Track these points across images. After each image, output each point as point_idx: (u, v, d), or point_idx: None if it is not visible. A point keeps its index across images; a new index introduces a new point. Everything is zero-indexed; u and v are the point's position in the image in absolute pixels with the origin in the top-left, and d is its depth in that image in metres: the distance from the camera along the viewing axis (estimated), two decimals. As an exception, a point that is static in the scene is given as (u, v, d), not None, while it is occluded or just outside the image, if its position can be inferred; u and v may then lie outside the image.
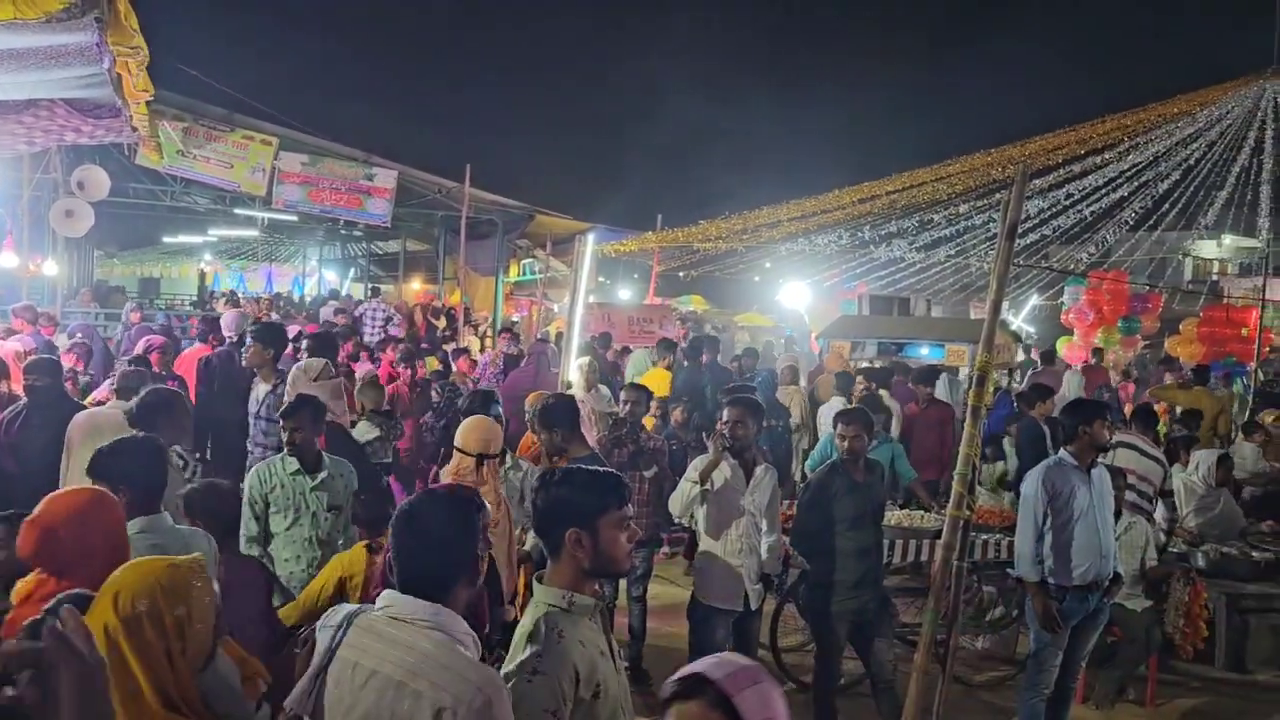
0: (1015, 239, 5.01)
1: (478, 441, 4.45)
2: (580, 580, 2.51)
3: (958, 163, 14.82)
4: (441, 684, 2.06)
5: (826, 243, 17.45)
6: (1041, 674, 5.18)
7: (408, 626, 2.15)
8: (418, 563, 2.26)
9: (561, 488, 2.54)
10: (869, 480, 5.33)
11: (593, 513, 2.49)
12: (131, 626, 2.10)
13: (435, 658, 2.10)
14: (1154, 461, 7.29)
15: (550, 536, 2.54)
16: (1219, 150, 18.34)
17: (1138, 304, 22.40)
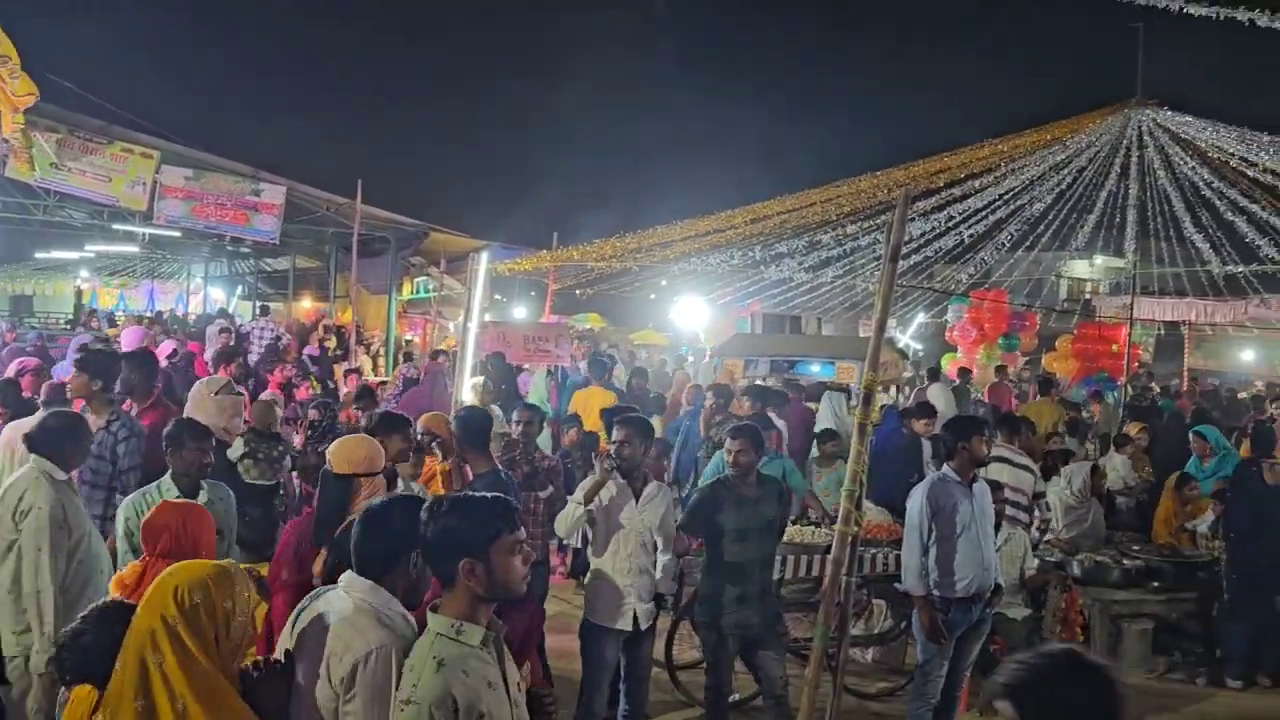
0: (899, 260, 5.15)
1: (344, 462, 4.28)
2: (474, 608, 2.49)
3: (845, 185, 15.23)
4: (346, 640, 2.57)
5: (719, 262, 17.70)
6: (928, 684, 5.31)
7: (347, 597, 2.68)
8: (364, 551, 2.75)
9: (450, 517, 2.51)
10: (759, 495, 5.30)
11: (484, 540, 2.47)
12: (189, 616, 2.48)
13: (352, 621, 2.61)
14: (1024, 470, 7.55)
15: (442, 567, 2.51)
16: (1089, 175, 19.26)
17: (1017, 322, 23.30)
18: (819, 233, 17.21)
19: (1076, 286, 35.37)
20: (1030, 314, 24.34)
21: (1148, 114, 17.06)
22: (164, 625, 2.45)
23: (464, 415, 5.40)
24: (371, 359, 16.20)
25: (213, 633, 2.50)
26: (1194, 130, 16.46)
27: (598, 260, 17.58)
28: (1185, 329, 23.80)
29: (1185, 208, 18.96)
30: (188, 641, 2.45)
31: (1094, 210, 20.52)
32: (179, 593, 2.51)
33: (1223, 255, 19.75)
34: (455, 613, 2.48)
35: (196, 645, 2.46)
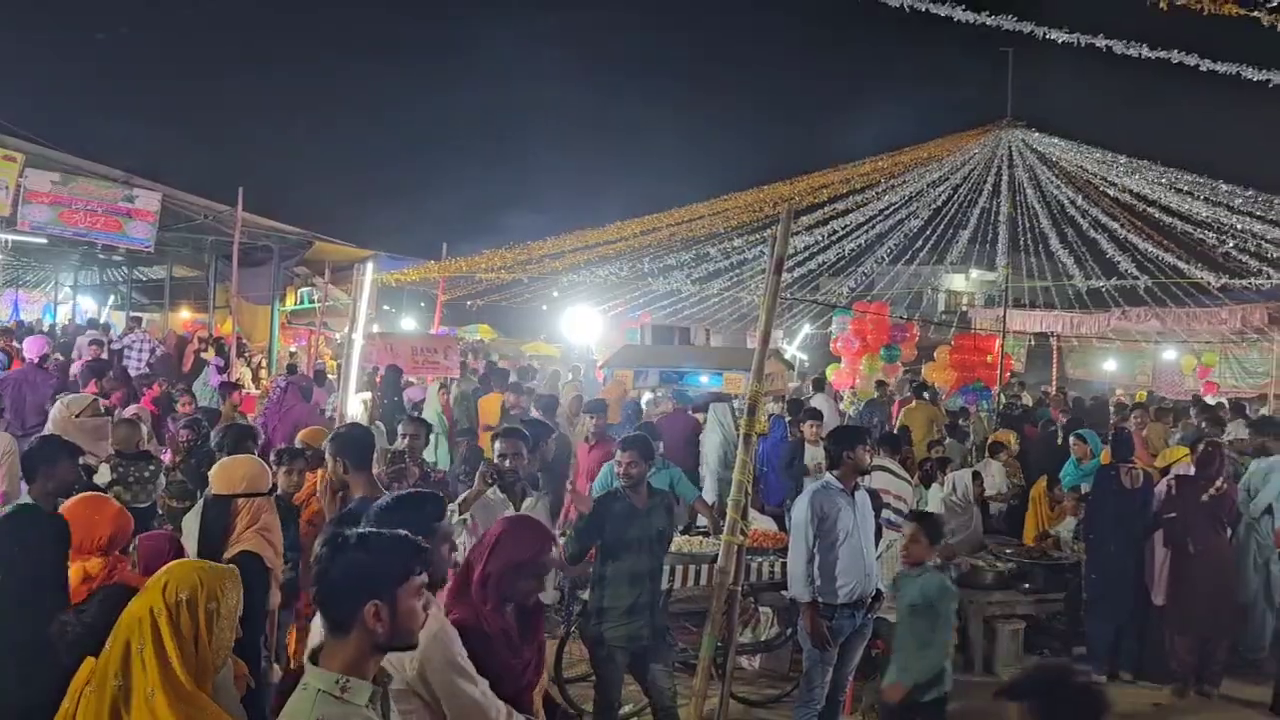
0: (783, 272, 5.26)
1: (223, 483, 4.14)
2: (363, 660, 2.27)
3: (732, 199, 15.47)
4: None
5: (608, 274, 17.77)
6: (813, 690, 5.42)
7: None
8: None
9: (358, 553, 2.28)
10: (650, 506, 5.35)
11: (394, 581, 2.26)
12: (173, 611, 2.56)
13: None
14: (905, 482, 7.80)
15: (340, 609, 2.26)
16: (964, 192, 20.02)
17: (898, 333, 24.02)
18: (707, 245, 17.45)
19: (953, 299, 36.69)
20: (910, 325, 25.14)
21: (1017, 135, 17.83)
22: (150, 616, 2.57)
23: (344, 433, 5.05)
24: (253, 371, 15.71)
25: (193, 630, 2.59)
26: (1059, 151, 17.29)
27: (487, 271, 17.44)
28: (1054, 340, 24.96)
29: (1052, 225, 19.87)
30: (166, 635, 2.56)
31: (968, 226, 21.35)
32: (168, 589, 2.61)
33: (1086, 270, 20.77)
34: (341, 665, 2.24)
35: (174, 640, 2.56)
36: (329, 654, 2.28)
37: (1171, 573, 7.42)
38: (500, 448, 5.17)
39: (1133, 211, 17.09)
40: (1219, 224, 14.89)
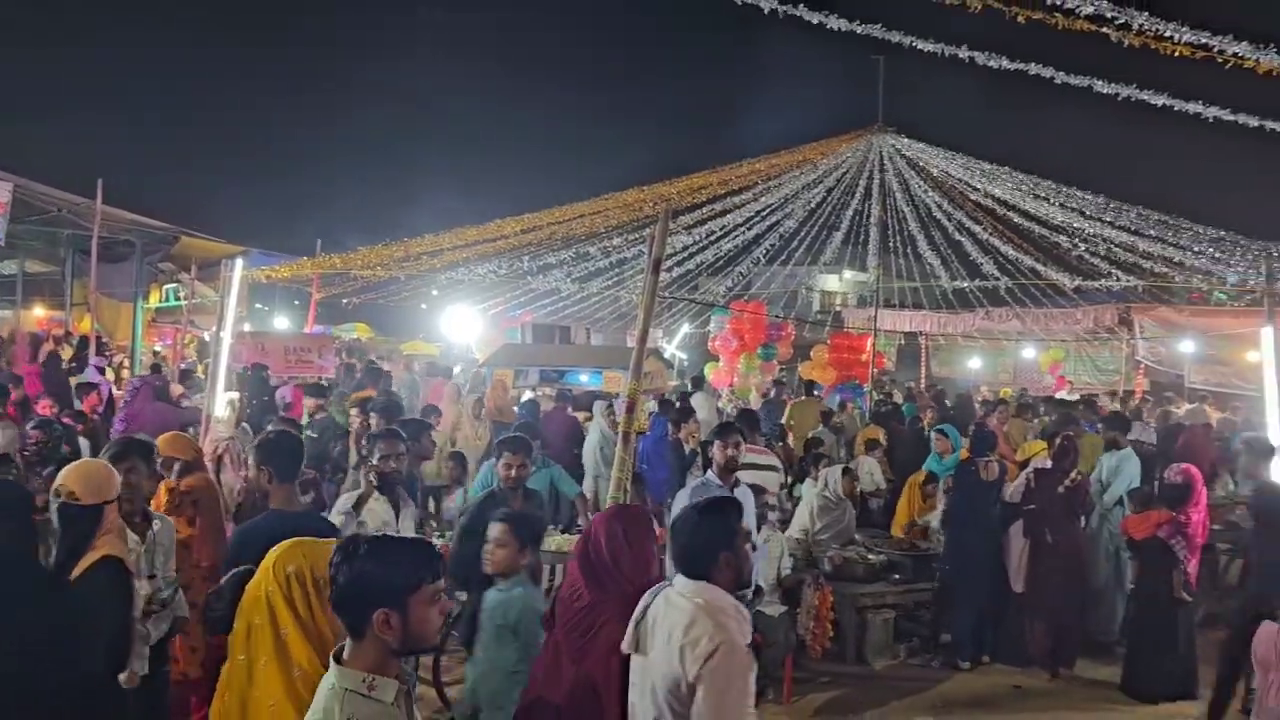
0: (661, 272, 5.32)
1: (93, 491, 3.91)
2: (384, 660, 2.31)
3: (612, 198, 15.52)
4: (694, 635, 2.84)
5: (487, 272, 17.61)
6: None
7: (682, 597, 2.96)
8: (687, 553, 3.05)
9: (369, 562, 2.29)
10: (526, 507, 5.38)
11: (404, 590, 2.28)
12: (285, 586, 2.77)
13: (696, 619, 2.87)
14: (769, 470, 7.95)
15: (351, 615, 2.30)
16: (837, 195, 20.57)
17: (774, 332, 24.49)
18: (587, 244, 17.47)
19: (827, 299, 37.65)
20: (786, 325, 25.67)
21: (888, 140, 18.41)
22: (265, 595, 2.80)
23: (272, 441, 4.59)
24: (115, 371, 14.99)
25: (306, 603, 2.78)
26: (927, 157, 17.93)
27: (363, 268, 17.06)
28: (922, 339, 25.85)
29: (920, 227, 20.60)
30: (280, 610, 2.77)
31: (841, 228, 21.94)
32: (276, 567, 2.84)
33: (952, 271, 21.61)
34: (366, 665, 2.29)
35: (289, 613, 2.76)
36: (352, 654, 2.31)
37: (1030, 561, 7.79)
38: (381, 449, 5.08)
39: (995, 216, 17.87)
40: (1073, 229, 15.70)
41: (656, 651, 2.96)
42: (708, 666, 2.80)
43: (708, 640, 2.82)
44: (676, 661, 2.86)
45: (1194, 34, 6.74)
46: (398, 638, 2.28)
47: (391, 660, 2.33)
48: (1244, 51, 6.40)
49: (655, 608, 3.04)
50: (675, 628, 2.91)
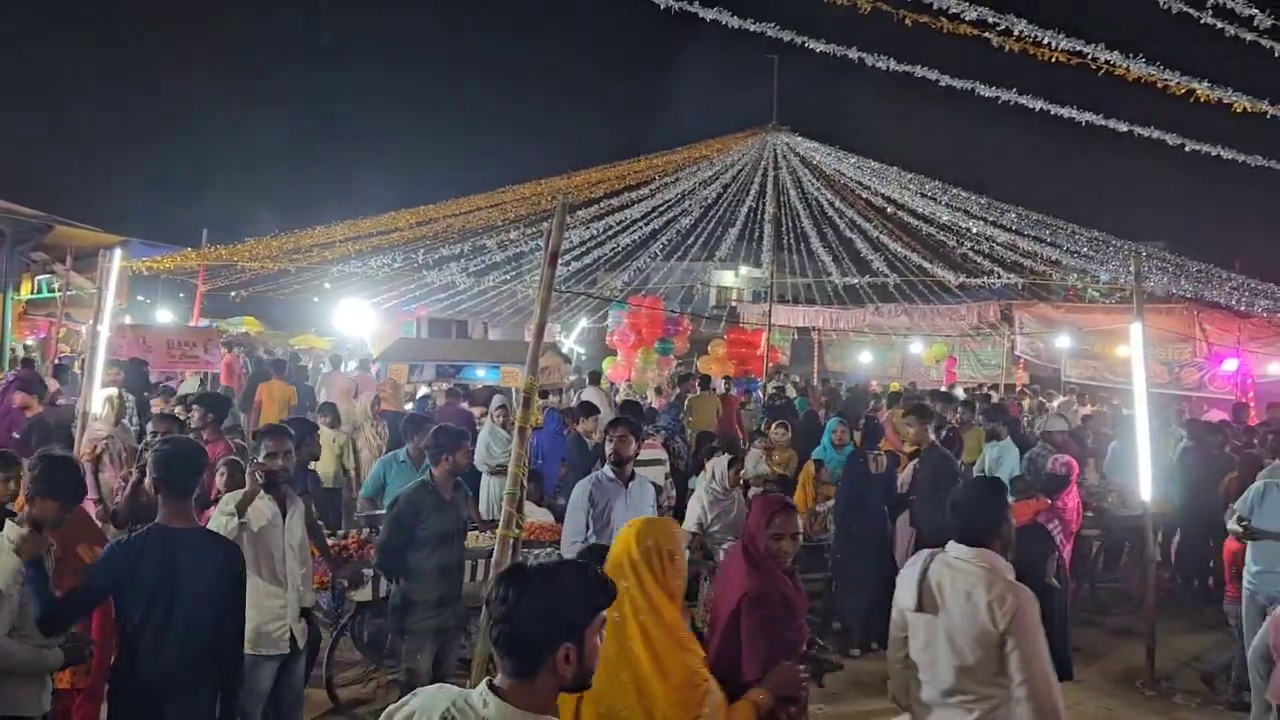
0: (558, 265, 5.29)
1: None
2: (552, 701, 2.15)
3: (509, 191, 15.39)
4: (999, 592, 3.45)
5: (380, 265, 17.28)
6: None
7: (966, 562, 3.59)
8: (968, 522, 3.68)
9: (552, 594, 2.13)
10: (455, 498, 5.44)
11: (586, 621, 2.14)
12: (645, 555, 3.24)
13: (990, 579, 3.50)
14: (655, 464, 8.05)
15: (532, 652, 2.11)
16: (732, 192, 20.81)
17: (671, 327, 24.67)
18: (484, 238, 17.29)
19: (723, 294, 38.09)
20: (683, 319, 25.89)
21: (781, 138, 18.70)
22: (629, 560, 3.27)
23: (169, 449, 4.03)
24: (-23, 367, 14.21)
25: (660, 567, 3.26)
26: (819, 155, 18.28)
27: (250, 260, 16.54)
28: (815, 334, 26.37)
29: (813, 224, 20.98)
30: (643, 570, 3.25)
31: (736, 224, 22.22)
32: (639, 538, 3.31)
33: (843, 268, 22.10)
34: (538, 706, 2.11)
35: (649, 575, 3.25)
36: (521, 694, 2.12)
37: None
38: (267, 446, 4.94)
39: (884, 214, 18.34)
40: (958, 227, 16.21)
41: (955, 609, 3.53)
42: (1016, 619, 3.38)
43: (1012, 598, 3.42)
44: (984, 616, 3.43)
45: (1070, 41, 7.03)
46: (574, 671, 2.11)
47: (554, 701, 2.17)
48: (1115, 59, 6.70)
49: (935, 572, 3.66)
50: (974, 588, 3.50)
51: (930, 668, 3.62)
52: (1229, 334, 17.52)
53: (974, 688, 3.48)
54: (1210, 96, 6.82)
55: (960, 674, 3.50)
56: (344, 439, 10.04)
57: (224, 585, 3.79)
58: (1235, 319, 17.24)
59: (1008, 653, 3.38)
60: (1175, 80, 6.71)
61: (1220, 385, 17.70)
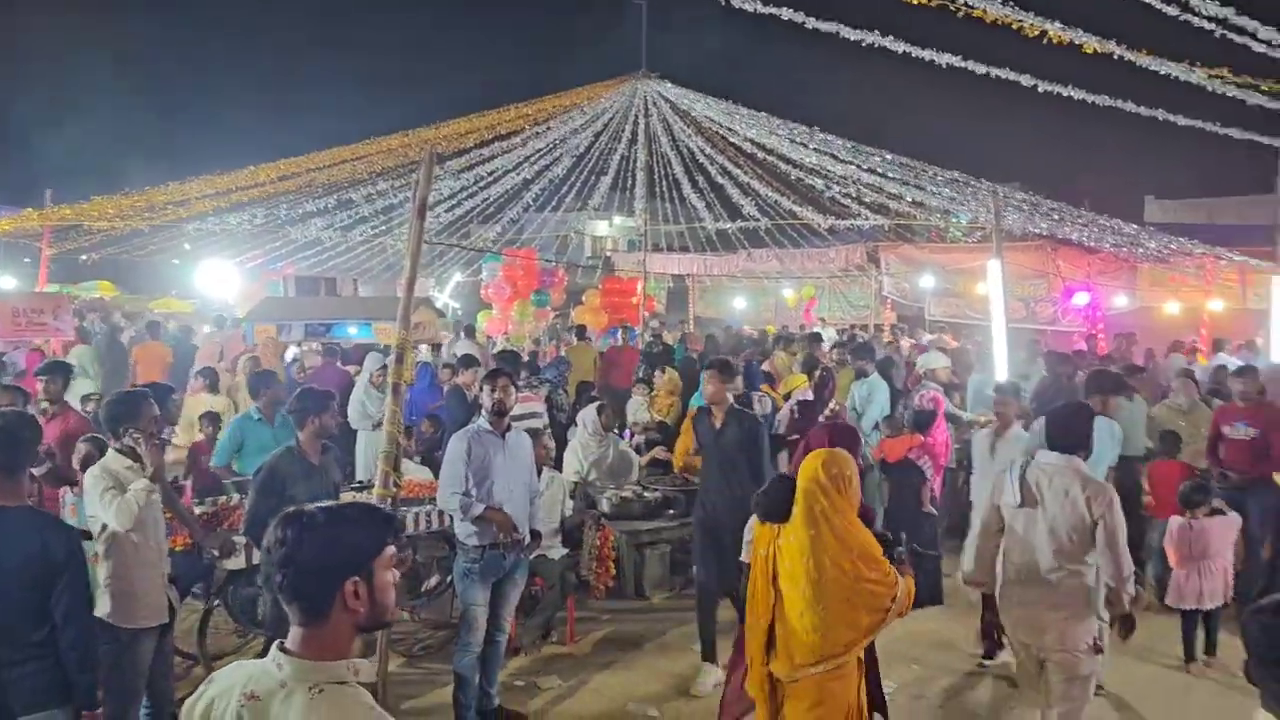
0: (426, 217, 5.16)
1: None
2: (350, 643, 2.06)
3: (375, 143, 14.89)
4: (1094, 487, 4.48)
5: (239, 222, 16.56)
6: (472, 633, 5.44)
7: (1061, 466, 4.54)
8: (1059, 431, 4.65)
9: (332, 528, 2.03)
10: (324, 462, 5.34)
11: (371, 554, 2.05)
12: (832, 479, 3.94)
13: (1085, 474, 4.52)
14: (532, 416, 8.06)
15: (317, 593, 2.01)
16: (604, 141, 20.62)
17: (547, 278, 24.49)
18: (350, 191, 16.71)
19: (598, 244, 37.98)
20: (558, 271, 25.73)
21: (651, 86, 18.60)
22: (817, 484, 3.95)
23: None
24: None
25: (843, 489, 3.96)
26: (689, 102, 18.24)
27: (99, 220, 15.60)
28: (690, 281, 26.57)
29: (684, 172, 21.00)
30: (832, 493, 3.93)
31: (609, 173, 22.08)
32: (825, 467, 3.98)
33: (715, 214, 22.24)
34: (337, 651, 2.02)
35: (838, 495, 3.93)
36: (311, 644, 2.00)
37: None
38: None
39: (754, 160, 18.46)
40: (825, 171, 16.46)
41: (1053, 504, 4.45)
42: (1107, 510, 4.35)
43: (1103, 494, 4.41)
44: (1082, 508, 4.38)
45: (930, -16, 7.12)
46: (366, 608, 2.03)
47: (353, 644, 2.10)
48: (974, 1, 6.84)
49: (1033, 474, 4.56)
50: (1071, 486, 4.44)
51: (1028, 552, 4.54)
52: (1080, 269, 18.40)
53: (1066, 564, 4.43)
54: (1062, 38, 7.05)
55: (1057, 554, 4.44)
56: (224, 403, 9.68)
57: (45, 564, 3.59)
58: (1085, 255, 18.11)
59: (1098, 534, 4.36)
60: (1029, 21, 6.90)
61: (1073, 319, 18.62)
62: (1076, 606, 4.44)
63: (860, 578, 3.84)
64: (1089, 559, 4.43)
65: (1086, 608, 4.45)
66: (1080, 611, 4.44)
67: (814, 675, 3.90)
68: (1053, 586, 4.46)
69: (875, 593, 3.86)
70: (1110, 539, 4.35)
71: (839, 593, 3.83)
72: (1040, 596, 4.49)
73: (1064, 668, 4.46)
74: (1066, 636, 4.43)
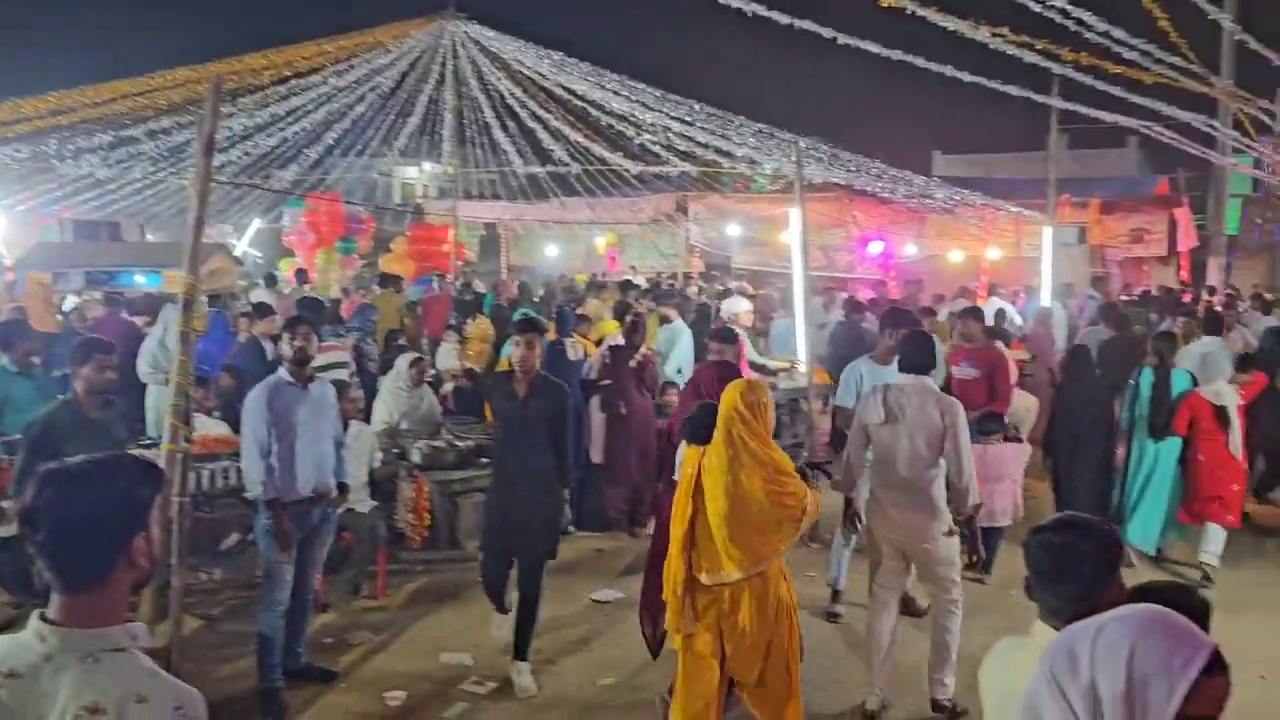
0: (214, 155, 4.84)
1: None
2: (125, 606, 1.86)
3: (160, 77, 13.82)
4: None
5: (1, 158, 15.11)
6: (276, 590, 5.24)
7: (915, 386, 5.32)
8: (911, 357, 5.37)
9: (108, 482, 1.80)
10: (106, 417, 5.06)
11: (149, 507, 1.85)
12: (748, 405, 4.37)
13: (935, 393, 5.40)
14: (335, 367, 7.86)
15: (96, 554, 1.78)
16: (412, 81, 19.98)
17: (354, 225, 23.67)
18: (133, 128, 15.48)
19: (408, 190, 36.94)
20: (366, 217, 24.88)
21: (460, 26, 18.11)
22: (736, 411, 4.34)
23: None
24: None
25: (759, 414, 4.38)
26: (499, 44, 17.87)
27: None
28: (502, 229, 26.27)
29: (495, 116, 20.64)
30: (749, 418, 4.34)
31: (415, 114, 21.46)
32: (742, 395, 4.39)
33: (526, 159, 22.01)
34: (112, 617, 1.80)
35: (754, 420, 4.35)
36: (83, 611, 1.78)
37: (607, 433, 8.32)
38: None
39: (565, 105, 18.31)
40: (634, 118, 16.52)
41: (913, 417, 5.10)
42: (956, 420, 5.06)
43: (953, 407, 5.13)
44: (936, 419, 5.06)
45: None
46: (148, 564, 1.85)
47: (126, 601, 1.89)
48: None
49: (894, 395, 5.19)
50: (926, 402, 5.12)
51: (891, 462, 5.19)
52: (875, 220, 19.34)
53: (923, 469, 5.11)
54: (858, -9, 7.27)
55: (915, 461, 5.11)
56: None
57: None
58: (880, 205, 19.02)
59: (947, 441, 5.05)
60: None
61: (868, 266, 19.59)
62: (932, 505, 5.14)
63: (774, 492, 4.31)
64: (940, 463, 5.13)
65: (939, 505, 5.17)
66: (935, 510, 5.15)
67: (740, 580, 4.35)
68: (913, 489, 5.13)
69: (788, 504, 4.34)
70: (956, 443, 5.04)
71: (756, 505, 4.31)
72: (903, 499, 5.16)
73: (929, 556, 5.18)
74: (926, 530, 5.13)
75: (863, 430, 5.35)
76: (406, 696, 5.41)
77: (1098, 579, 2.25)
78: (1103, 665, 1.45)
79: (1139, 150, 29.88)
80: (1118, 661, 1.43)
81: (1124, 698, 1.41)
